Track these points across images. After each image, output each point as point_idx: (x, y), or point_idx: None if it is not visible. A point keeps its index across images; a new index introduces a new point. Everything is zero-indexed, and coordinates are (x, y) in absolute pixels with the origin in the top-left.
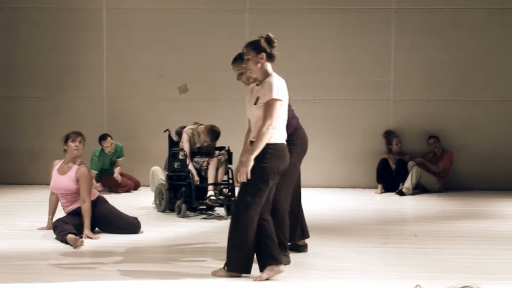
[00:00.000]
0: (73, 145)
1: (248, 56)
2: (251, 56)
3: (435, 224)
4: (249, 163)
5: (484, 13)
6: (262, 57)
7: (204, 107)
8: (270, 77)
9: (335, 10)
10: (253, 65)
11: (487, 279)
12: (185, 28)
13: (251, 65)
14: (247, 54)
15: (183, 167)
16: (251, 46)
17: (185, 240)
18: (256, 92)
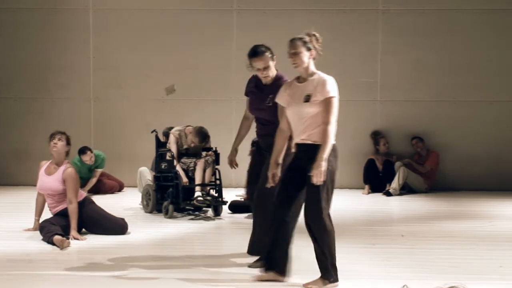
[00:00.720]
0: (52, 143)
1: (298, 50)
2: (303, 52)
3: (422, 224)
4: (324, 165)
5: (472, 14)
6: (311, 54)
7: (191, 108)
8: (320, 74)
9: (322, 11)
10: (301, 61)
11: (474, 279)
12: (172, 28)
13: (299, 61)
14: (296, 48)
15: (170, 168)
16: (301, 42)
17: (172, 241)
18: (303, 89)
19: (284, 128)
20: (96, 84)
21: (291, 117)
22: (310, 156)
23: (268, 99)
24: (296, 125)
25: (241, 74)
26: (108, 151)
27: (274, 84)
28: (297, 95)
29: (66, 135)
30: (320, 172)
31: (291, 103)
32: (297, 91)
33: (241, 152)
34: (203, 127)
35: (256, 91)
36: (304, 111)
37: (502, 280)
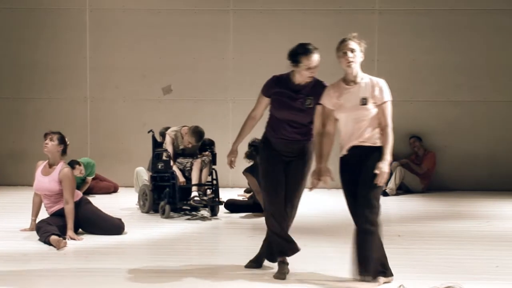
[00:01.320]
0: (44, 143)
1: (356, 48)
2: (358, 51)
3: (419, 224)
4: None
5: (468, 14)
6: (361, 57)
7: (188, 108)
8: (371, 77)
9: (319, 11)
10: (357, 59)
11: (470, 279)
12: (168, 28)
13: (355, 58)
14: (353, 46)
15: (167, 168)
16: (357, 41)
17: (169, 241)
18: (357, 92)
19: (331, 131)
20: (92, 84)
21: (344, 121)
22: (364, 158)
23: (308, 101)
24: (351, 128)
25: (238, 74)
26: (104, 151)
27: (310, 85)
28: (350, 98)
29: (58, 135)
30: (384, 173)
31: (343, 106)
32: (349, 94)
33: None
34: (199, 126)
35: (289, 91)
36: (361, 114)
37: (498, 280)
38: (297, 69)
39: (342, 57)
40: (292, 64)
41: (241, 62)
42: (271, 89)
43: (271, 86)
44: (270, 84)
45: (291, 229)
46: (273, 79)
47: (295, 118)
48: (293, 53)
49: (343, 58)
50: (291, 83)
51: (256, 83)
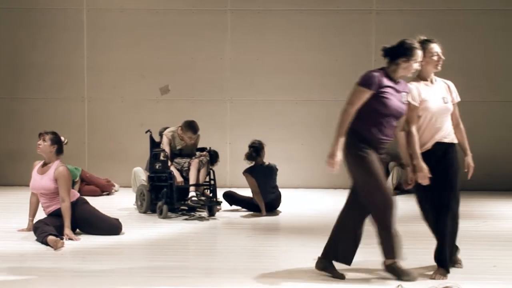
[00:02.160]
0: (38, 143)
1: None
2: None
3: (416, 224)
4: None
5: (464, 14)
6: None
7: (186, 108)
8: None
9: (316, 11)
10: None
11: (468, 279)
12: (166, 28)
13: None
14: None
15: (165, 168)
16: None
17: (166, 241)
18: (437, 92)
19: (416, 129)
20: (90, 84)
21: (428, 118)
22: (445, 153)
23: (405, 97)
24: (437, 125)
25: (236, 74)
26: (102, 151)
27: (402, 82)
28: (433, 96)
29: (50, 135)
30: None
31: (430, 104)
32: (431, 93)
33: (236, 152)
34: (193, 120)
35: (394, 86)
36: (446, 111)
37: (496, 280)
38: (406, 63)
39: (431, 58)
40: (403, 59)
41: (238, 62)
42: (381, 83)
43: (380, 80)
44: (379, 78)
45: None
46: (377, 73)
47: (400, 114)
48: (409, 47)
49: (431, 59)
50: (392, 79)
51: (254, 83)
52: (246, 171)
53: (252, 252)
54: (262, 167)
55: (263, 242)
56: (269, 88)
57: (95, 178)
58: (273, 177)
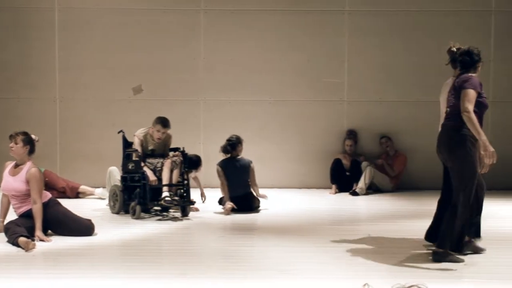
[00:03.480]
0: (10, 146)
1: None
2: None
3: (388, 223)
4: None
5: (437, 15)
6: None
7: (158, 108)
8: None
9: (289, 11)
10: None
11: (437, 277)
12: (139, 28)
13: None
14: None
15: (138, 168)
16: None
17: (139, 241)
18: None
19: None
20: (61, 84)
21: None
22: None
23: None
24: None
25: (209, 74)
26: (74, 152)
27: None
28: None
29: (22, 136)
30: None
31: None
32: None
33: (209, 152)
34: (164, 116)
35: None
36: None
37: (464, 278)
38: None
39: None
40: (479, 64)
41: (212, 62)
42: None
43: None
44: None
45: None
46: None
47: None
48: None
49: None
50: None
51: (227, 83)
52: (218, 163)
53: (226, 253)
54: (235, 161)
55: (236, 242)
56: (242, 88)
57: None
58: (244, 173)
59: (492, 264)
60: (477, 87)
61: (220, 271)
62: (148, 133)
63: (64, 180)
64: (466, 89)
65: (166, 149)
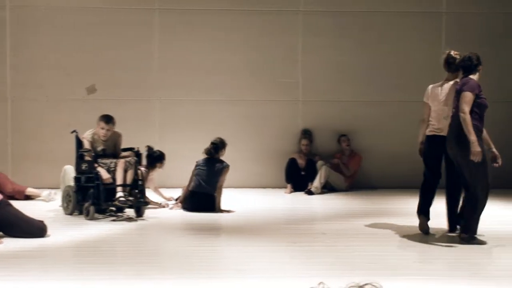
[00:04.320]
0: None
1: None
2: None
3: (343, 222)
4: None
5: (388, 16)
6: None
7: (113, 108)
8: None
9: (246, 11)
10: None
11: (391, 275)
12: (93, 27)
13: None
14: None
15: (91, 168)
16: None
17: (93, 243)
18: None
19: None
20: (13, 83)
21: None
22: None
23: None
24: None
25: (163, 74)
26: (27, 152)
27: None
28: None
29: None
30: None
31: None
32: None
33: (165, 152)
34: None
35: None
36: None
37: (418, 275)
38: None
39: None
40: (480, 67)
41: (167, 62)
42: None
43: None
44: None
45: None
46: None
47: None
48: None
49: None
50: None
51: (182, 82)
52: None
53: (182, 253)
54: (212, 161)
55: (193, 242)
56: (197, 88)
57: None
58: (214, 175)
59: (444, 262)
60: (475, 89)
61: (176, 271)
62: (95, 133)
63: (12, 183)
64: (464, 92)
65: (117, 149)
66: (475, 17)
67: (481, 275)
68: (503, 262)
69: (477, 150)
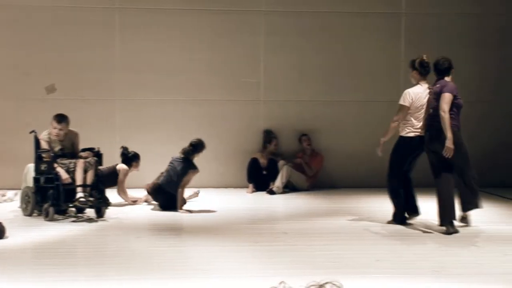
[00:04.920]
0: None
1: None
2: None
3: (304, 221)
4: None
5: (350, 16)
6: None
7: (73, 108)
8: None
9: (206, 11)
10: (411, 77)
11: (351, 273)
12: (53, 26)
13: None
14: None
15: (50, 169)
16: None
17: (53, 244)
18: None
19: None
20: None
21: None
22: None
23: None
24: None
25: (125, 74)
26: None
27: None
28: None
29: None
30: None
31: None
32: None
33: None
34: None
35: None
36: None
37: (378, 273)
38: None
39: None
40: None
41: (128, 62)
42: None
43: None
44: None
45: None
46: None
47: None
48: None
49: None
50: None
51: (143, 82)
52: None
53: (144, 253)
54: (185, 161)
55: (154, 242)
56: (159, 88)
57: None
58: (182, 175)
59: (403, 260)
60: (454, 91)
61: (138, 272)
62: (50, 133)
63: None
64: (445, 93)
65: (75, 148)
66: (434, 18)
67: (442, 273)
68: (466, 260)
69: (450, 147)
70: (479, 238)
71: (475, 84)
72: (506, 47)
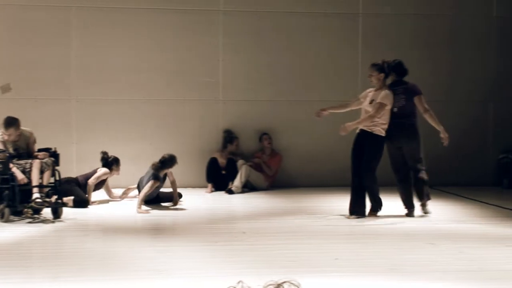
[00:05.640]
0: None
1: (371, 74)
2: (375, 74)
3: (263, 221)
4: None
5: (308, 17)
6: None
7: (28, 107)
8: (385, 89)
9: (164, 10)
10: (375, 80)
11: (310, 272)
12: (8, 24)
13: (374, 80)
14: (370, 72)
15: (6, 169)
16: (375, 67)
17: (10, 245)
18: (372, 96)
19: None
20: None
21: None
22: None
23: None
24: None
25: (81, 73)
26: None
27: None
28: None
29: None
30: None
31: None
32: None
33: (82, 152)
34: (10, 116)
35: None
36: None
37: (337, 272)
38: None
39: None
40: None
41: (85, 61)
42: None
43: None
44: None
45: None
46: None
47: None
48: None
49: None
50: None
51: (100, 82)
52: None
53: (101, 254)
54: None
55: (111, 243)
56: (116, 87)
57: None
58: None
59: (361, 258)
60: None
61: (94, 272)
62: (6, 134)
63: None
64: (421, 95)
65: (30, 148)
66: (390, 18)
67: (398, 270)
68: (422, 258)
69: (446, 135)
70: (435, 236)
71: (428, 84)
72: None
